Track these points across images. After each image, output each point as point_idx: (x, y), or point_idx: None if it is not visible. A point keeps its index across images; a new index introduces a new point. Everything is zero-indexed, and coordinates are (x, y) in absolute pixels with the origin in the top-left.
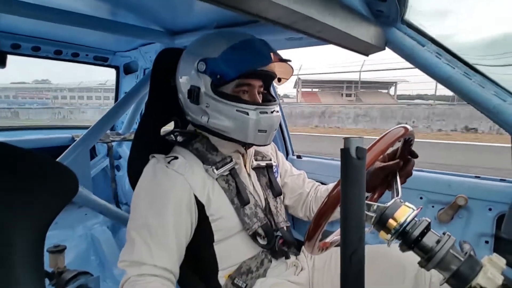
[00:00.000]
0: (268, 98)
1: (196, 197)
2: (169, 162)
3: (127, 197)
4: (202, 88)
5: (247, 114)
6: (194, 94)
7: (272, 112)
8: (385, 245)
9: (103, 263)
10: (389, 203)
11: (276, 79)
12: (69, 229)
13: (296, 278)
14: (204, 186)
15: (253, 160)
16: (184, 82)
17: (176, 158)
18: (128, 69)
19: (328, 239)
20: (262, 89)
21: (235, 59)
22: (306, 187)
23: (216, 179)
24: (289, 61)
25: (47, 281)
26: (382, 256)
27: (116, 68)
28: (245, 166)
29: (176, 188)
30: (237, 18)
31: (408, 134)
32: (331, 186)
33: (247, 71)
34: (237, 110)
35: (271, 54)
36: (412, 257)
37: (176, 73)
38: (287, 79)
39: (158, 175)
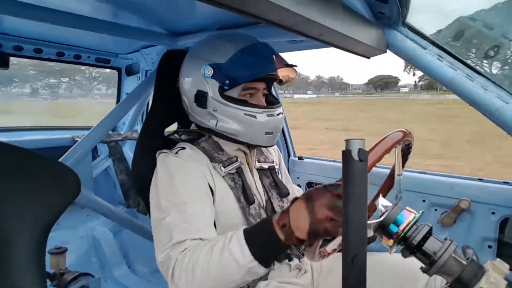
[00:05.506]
0: (271, 100)
1: (208, 183)
2: (177, 153)
3: None
4: (209, 93)
5: (255, 117)
6: (201, 98)
7: (278, 114)
8: (392, 255)
9: (104, 265)
10: (390, 208)
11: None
12: (70, 230)
13: (299, 281)
14: (210, 178)
15: (256, 162)
16: (189, 85)
17: (183, 148)
18: (130, 71)
19: (328, 246)
20: (265, 91)
21: (244, 65)
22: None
23: (223, 176)
24: (295, 66)
25: (48, 282)
26: (389, 265)
27: (118, 69)
28: (248, 165)
29: (193, 171)
30: (238, 20)
31: (407, 137)
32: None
33: (256, 77)
34: (245, 114)
35: (276, 58)
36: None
37: (179, 75)
38: (291, 80)
39: (172, 165)
